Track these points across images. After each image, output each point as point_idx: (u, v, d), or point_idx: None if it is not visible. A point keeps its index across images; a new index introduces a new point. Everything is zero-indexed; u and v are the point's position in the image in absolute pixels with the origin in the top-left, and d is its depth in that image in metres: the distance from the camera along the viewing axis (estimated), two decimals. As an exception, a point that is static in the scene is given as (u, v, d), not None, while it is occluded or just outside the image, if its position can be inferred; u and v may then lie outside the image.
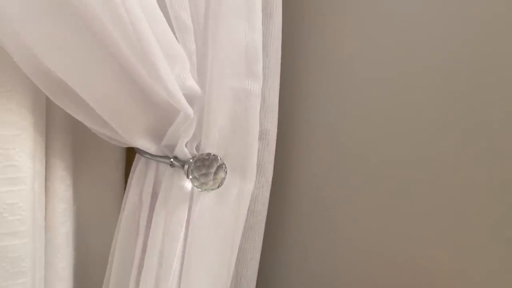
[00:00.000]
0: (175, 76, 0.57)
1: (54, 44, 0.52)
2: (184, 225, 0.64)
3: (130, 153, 0.80)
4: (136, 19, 0.48)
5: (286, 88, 0.70)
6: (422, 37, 0.60)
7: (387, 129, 0.64)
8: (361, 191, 0.67)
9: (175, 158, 0.64)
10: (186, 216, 0.64)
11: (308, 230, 0.75)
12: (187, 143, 0.63)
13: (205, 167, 0.63)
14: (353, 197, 0.68)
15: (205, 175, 0.63)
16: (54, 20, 0.51)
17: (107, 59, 0.53)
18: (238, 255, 0.70)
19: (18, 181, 0.59)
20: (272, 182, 0.71)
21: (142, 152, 0.68)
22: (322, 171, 0.72)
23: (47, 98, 0.63)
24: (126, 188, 0.70)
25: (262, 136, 0.66)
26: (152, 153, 0.66)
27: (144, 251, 0.67)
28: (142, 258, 0.67)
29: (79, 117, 0.62)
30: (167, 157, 0.65)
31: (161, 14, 0.53)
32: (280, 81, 0.67)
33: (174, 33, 0.58)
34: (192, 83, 0.60)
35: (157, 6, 0.52)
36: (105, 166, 0.79)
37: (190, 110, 0.60)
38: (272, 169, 0.70)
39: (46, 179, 0.67)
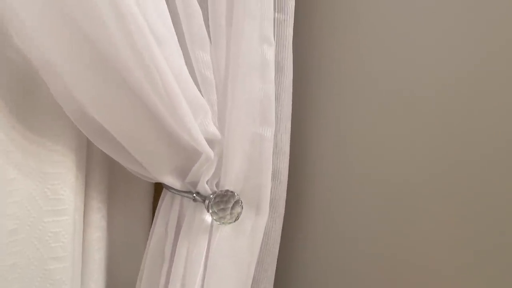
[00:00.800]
0: (198, 124, 0.66)
1: (97, 96, 0.61)
2: (204, 254, 0.72)
3: (157, 187, 0.89)
4: (166, 79, 0.57)
5: (297, 130, 0.78)
6: (438, 49, 0.63)
7: (401, 152, 0.70)
8: (374, 227, 0.73)
9: (197, 193, 0.72)
10: (206, 246, 0.72)
11: (318, 259, 0.81)
12: (208, 180, 0.71)
13: (223, 202, 0.71)
14: (365, 229, 0.74)
15: (223, 209, 0.71)
16: (97, 74, 0.60)
17: (141, 109, 0.62)
18: (252, 284, 0.77)
19: (62, 212, 0.68)
20: (285, 215, 0.78)
21: (169, 187, 0.76)
22: (332, 204, 0.79)
23: (88, 140, 0.72)
24: (154, 220, 0.78)
25: (275, 175, 0.74)
26: (177, 188, 0.74)
27: (168, 277, 0.75)
28: (166, 284, 0.75)
29: (115, 156, 0.71)
30: (190, 192, 0.73)
31: (187, 72, 0.62)
32: (292, 124, 0.75)
33: (198, 85, 0.68)
34: (213, 129, 0.68)
35: (184, 64, 0.61)
36: (135, 199, 0.87)
37: (211, 153, 0.68)
38: (284, 204, 0.78)
39: (85, 210, 0.76)
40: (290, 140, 0.74)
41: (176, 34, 0.64)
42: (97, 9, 0.51)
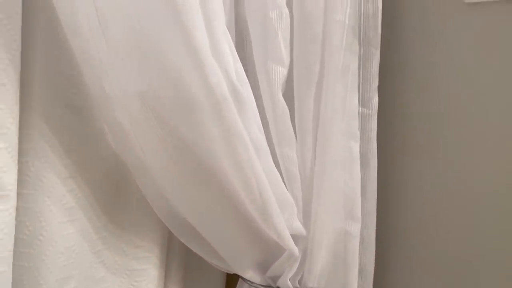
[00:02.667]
0: (284, 220, 0.65)
1: (189, 197, 0.62)
2: None
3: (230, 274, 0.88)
4: (262, 185, 0.57)
5: (382, 224, 0.75)
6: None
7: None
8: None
9: (278, 288, 0.70)
10: None
11: None
12: (290, 276, 0.69)
13: (306, 300, 0.68)
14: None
15: (307, 307, 0.68)
16: (193, 180, 0.60)
17: (230, 209, 0.62)
18: None
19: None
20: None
21: (247, 280, 0.74)
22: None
23: (169, 232, 0.72)
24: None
25: (360, 272, 0.71)
26: (257, 282, 0.73)
27: None
28: None
29: (197, 250, 0.70)
30: (270, 287, 0.72)
31: (277, 172, 0.62)
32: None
33: (283, 180, 0.67)
34: (298, 225, 0.67)
35: (273, 165, 0.61)
36: (208, 286, 0.86)
37: (295, 249, 0.67)
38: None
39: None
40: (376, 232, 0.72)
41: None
42: (203, 124, 0.52)
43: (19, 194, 0.56)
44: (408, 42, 0.76)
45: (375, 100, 0.71)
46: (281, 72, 0.64)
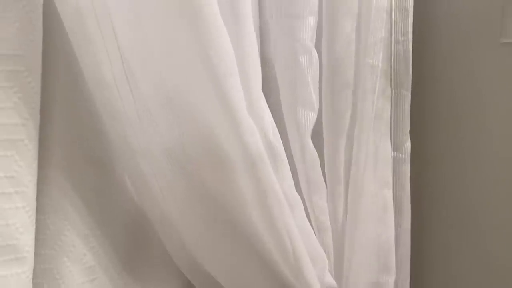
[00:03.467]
0: (316, 275, 0.61)
1: (213, 252, 0.58)
2: None
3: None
4: (295, 240, 0.53)
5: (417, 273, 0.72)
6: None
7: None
8: None
9: None
10: None
11: None
12: (321, 332, 0.65)
13: None
14: None
15: None
16: (217, 235, 0.57)
17: (259, 266, 0.58)
18: None
19: None
20: None
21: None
22: None
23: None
24: None
25: (396, 326, 0.67)
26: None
27: None
28: None
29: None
30: None
31: (310, 226, 0.58)
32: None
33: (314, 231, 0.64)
34: (330, 279, 0.63)
35: (306, 219, 0.58)
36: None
37: (327, 305, 0.63)
38: None
39: None
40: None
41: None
42: (235, 182, 0.48)
43: (36, 255, 0.52)
44: (439, 82, 0.73)
45: (408, 144, 0.68)
46: (311, 117, 0.61)
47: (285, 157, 0.52)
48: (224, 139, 0.46)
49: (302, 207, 0.57)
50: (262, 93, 0.49)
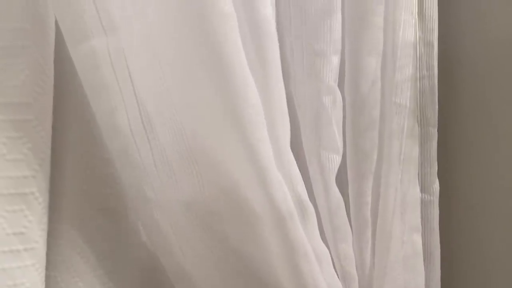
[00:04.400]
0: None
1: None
2: None
3: None
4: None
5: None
6: None
7: None
8: None
9: None
10: None
11: None
12: None
13: None
14: None
15: None
16: (233, 283, 0.53)
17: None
18: None
19: None
20: None
21: None
22: None
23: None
24: None
25: None
26: None
27: None
28: None
29: None
30: None
31: (338, 281, 0.54)
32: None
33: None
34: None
35: (335, 273, 0.54)
36: None
37: None
38: None
39: None
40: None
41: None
42: (261, 239, 0.45)
43: (46, 315, 0.49)
44: (466, 119, 0.70)
45: (436, 185, 0.64)
46: (336, 160, 0.57)
47: (313, 210, 0.49)
48: (250, 193, 0.43)
49: (330, 260, 0.53)
50: (289, 147, 0.45)
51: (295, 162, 0.47)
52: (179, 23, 0.40)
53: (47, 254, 0.49)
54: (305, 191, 0.48)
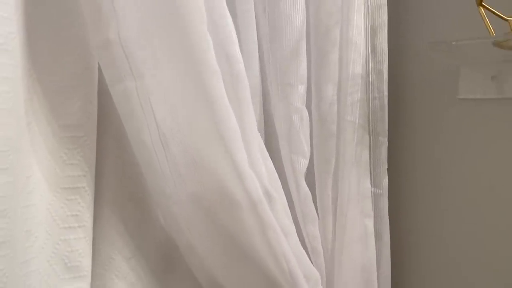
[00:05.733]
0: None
1: (227, 271, 0.73)
2: None
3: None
4: (291, 262, 0.67)
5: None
6: None
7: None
8: None
9: None
10: None
11: None
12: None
13: None
14: None
15: None
16: (231, 260, 0.72)
17: (265, 282, 0.73)
18: None
19: None
20: None
21: None
22: None
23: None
24: None
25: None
26: None
27: None
28: None
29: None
30: None
31: (303, 251, 0.73)
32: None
33: (309, 254, 0.78)
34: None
35: (300, 245, 0.73)
36: None
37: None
38: None
39: None
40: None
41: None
42: (242, 221, 0.64)
43: (92, 274, 0.69)
44: (412, 129, 0.88)
45: (385, 181, 0.83)
46: (303, 162, 0.77)
47: (278, 198, 0.67)
48: (231, 186, 0.62)
49: (296, 236, 0.72)
50: (259, 153, 0.64)
51: (263, 163, 0.65)
52: (184, 77, 0.59)
53: (93, 231, 0.69)
54: (271, 184, 0.67)
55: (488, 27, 0.73)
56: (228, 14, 0.63)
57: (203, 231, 0.70)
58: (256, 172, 0.62)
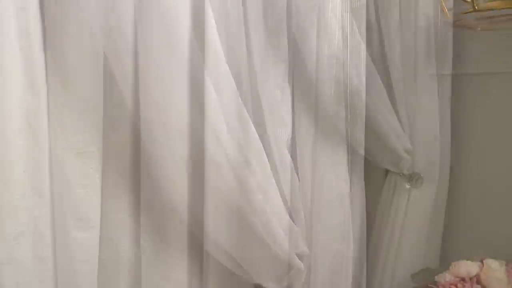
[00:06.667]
0: (291, 243, 0.87)
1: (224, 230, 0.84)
2: None
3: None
4: (270, 224, 0.78)
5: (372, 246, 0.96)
6: None
7: None
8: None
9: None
10: None
11: None
12: (300, 286, 0.90)
13: (312, 304, 0.90)
14: None
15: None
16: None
17: (252, 237, 0.83)
18: None
19: None
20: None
21: (269, 290, 0.96)
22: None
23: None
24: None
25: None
26: (275, 291, 0.94)
27: None
28: None
29: (230, 267, 0.92)
30: (285, 293, 0.93)
31: (284, 209, 0.83)
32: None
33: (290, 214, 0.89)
34: (303, 246, 0.88)
35: (281, 203, 0.83)
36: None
37: (301, 265, 0.88)
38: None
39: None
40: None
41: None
42: (226, 181, 0.76)
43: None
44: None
45: (362, 149, 0.92)
46: (286, 132, 0.86)
47: (256, 164, 0.78)
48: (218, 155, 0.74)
49: (277, 194, 0.82)
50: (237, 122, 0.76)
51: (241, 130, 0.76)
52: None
53: (102, 191, 0.81)
54: (252, 152, 0.77)
55: (443, 9, 0.80)
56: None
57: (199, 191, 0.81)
58: (234, 138, 0.73)
